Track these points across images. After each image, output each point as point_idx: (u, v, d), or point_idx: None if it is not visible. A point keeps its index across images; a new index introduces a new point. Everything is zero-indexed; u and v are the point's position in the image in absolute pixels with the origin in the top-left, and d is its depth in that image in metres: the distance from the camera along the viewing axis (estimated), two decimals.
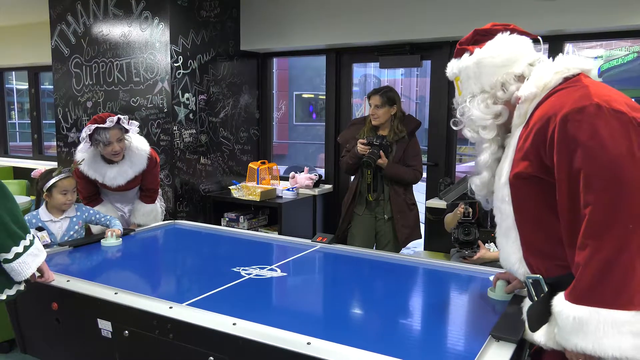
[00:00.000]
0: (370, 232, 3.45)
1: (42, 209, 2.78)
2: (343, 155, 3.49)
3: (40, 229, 2.71)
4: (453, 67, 1.63)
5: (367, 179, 3.33)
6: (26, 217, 2.73)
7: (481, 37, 1.59)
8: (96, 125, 2.87)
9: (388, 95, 3.29)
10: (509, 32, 1.55)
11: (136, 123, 3.07)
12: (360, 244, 3.43)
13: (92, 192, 3.14)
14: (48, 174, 2.76)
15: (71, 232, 2.79)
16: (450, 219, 2.95)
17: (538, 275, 1.44)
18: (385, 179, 3.33)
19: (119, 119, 2.90)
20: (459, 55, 1.61)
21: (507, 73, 1.50)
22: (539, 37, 1.57)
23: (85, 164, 3.03)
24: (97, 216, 2.91)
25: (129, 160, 3.05)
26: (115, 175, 3.03)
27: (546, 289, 1.42)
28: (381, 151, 3.20)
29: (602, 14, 3.24)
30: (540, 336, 1.44)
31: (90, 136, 2.91)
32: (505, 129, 1.55)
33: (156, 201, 3.34)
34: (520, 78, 1.50)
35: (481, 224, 2.92)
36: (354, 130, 3.44)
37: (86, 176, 3.04)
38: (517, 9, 3.46)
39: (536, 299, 1.45)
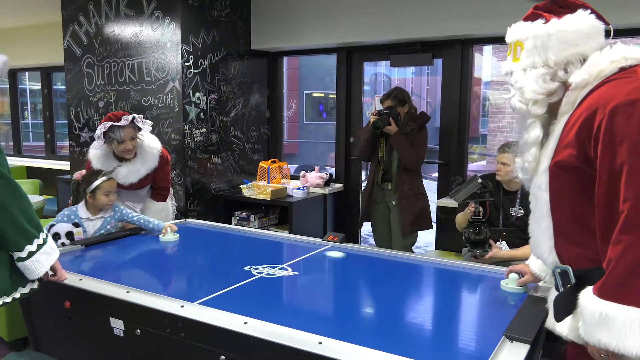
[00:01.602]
0: (386, 221, 3.64)
1: (81, 206, 2.86)
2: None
3: (76, 225, 2.79)
4: (521, 30, 1.48)
5: (380, 152, 3.56)
6: (64, 212, 2.85)
7: (559, 7, 1.48)
8: (111, 123, 2.91)
9: (398, 97, 3.54)
10: (589, 11, 1.44)
11: (150, 122, 3.11)
12: (380, 233, 3.71)
13: None
14: (92, 176, 2.85)
15: (102, 231, 2.87)
16: (461, 218, 2.93)
17: (567, 266, 1.43)
18: (393, 157, 3.52)
19: (133, 117, 2.95)
20: (532, 19, 1.48)
21: (577, 53, 1.41)
22: (611, 27, 1.47)
23: (97, 162, 3.07)
24: (130, 215, 2.97)
25: (141, 159, 3.08)
26: (127, 173, 3.07)
27: (573, 280, 1.40)
28: (391, 118, 3.41)
29: (614, 11, 3.19)
30: (563, 328, 1.43)
31: (105, 133, 2.95)
32: (551, 110, 1.48)
33: (167, 200, 3.36)
34: (585, 62, 1.41)
35: (492, 223, 2.89)
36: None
37: None
38: (529, 5, 3.42)
39: (562, 289, 1.44)
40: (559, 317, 1.43)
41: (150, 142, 3.14)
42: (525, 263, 1.93)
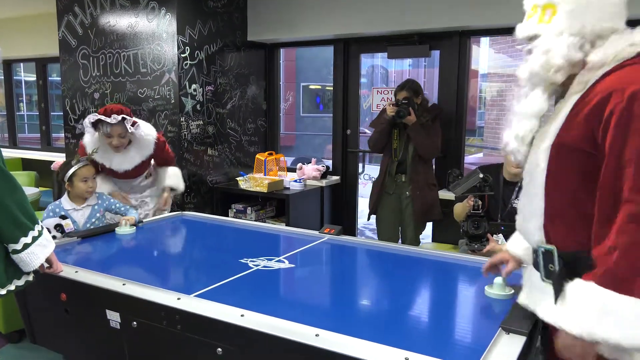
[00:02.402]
0: (396, 212, 3.69)
1: (65, 198, 2.85)
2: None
3: (63, 217, 2.78)
4: None
5: (393, 143, 3.60)
6: (49, 207, 2.83)
7: None
8: (98, 117, 2.91)
9: (413, 88, 3.62)
10: None
11: (144, 128, 3.08)
12: (386, 224, 3.73)
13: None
14: (67, 164, 2.83)
15: (93, 220, 2.86)
16: (459, 209, 2.92)
17: (552, 247, 1.40)
18: (409, 148, 3.58)
19: (123, 118, 2.91)
20: None
21: (609, 27, 1.35)
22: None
23: (92, 149, 3.05)
24: (117, 205, 2.96)
25: (136, 145, 3.08)
26: (122, 161, 3.07)
27: (557, 262, 1.39)
28: (410, 108, 3.47)
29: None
30: (546, 313, 1.40)
31: (95, 124, 2.94)
32: (562, 86, 1.42)
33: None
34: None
35: (491, 217, 2.89)
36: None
37: (94, 162, 3.07)
38: None
39: (543, 269, 1.43)
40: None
41: (145, 129, 3.12)
42: (504, 250, 1.85)
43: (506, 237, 2.77)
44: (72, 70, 4.63)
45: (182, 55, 4.00)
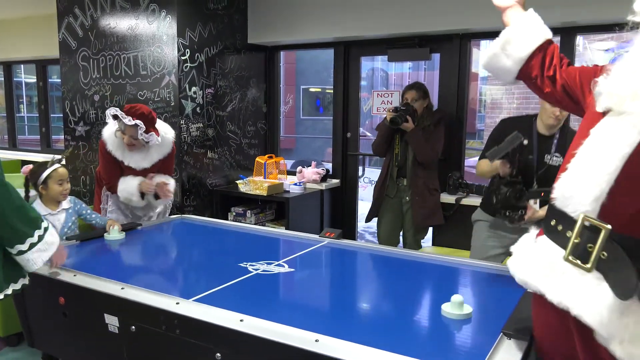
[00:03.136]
0: (397, 216, 3.68)
1: (37, 204, 2.71)
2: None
3: None
4: None
5: (395, 148, 3.61)
6: None
7: None
8: (116, 112, 2.92)
9: (423, 89, 3.63)
10: None
11: (162, 128, 3.09)
12: (386, 227, 3.71)
13: (114, 178, 3.11)
14: (41, 166, 2.71)
15: (69, 224, 2.80)
16: (486, 167, 2.63)
17: (607, 225, 1.10)
18: (408, 153, 3.56)
19: (136, 125, 2.89)
20: None
21: None
22: None
23: (112, 144, 3.06)
24: (88, 211, 2.90)
25: (156, 144, 3.08)
26: (141, 158, 3.08)
27: (602, 243, 1.11)
28: (408, 116, 3.44)
29: (614, 5, 3.17)
30: (557, 295, 1.19)
31: (115, 116, 2.96)
32: None
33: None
34: None
35: (525, 171, 2.52)
36: None
37: (113, 159, 3.06)
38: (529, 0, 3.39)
39: (573, 245, 1.16)
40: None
41: (163, 129, 3.14)
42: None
43: (543, 203, 2.38)
44: (72, 72, 4.62)
45: (182, 58, 3.99)
